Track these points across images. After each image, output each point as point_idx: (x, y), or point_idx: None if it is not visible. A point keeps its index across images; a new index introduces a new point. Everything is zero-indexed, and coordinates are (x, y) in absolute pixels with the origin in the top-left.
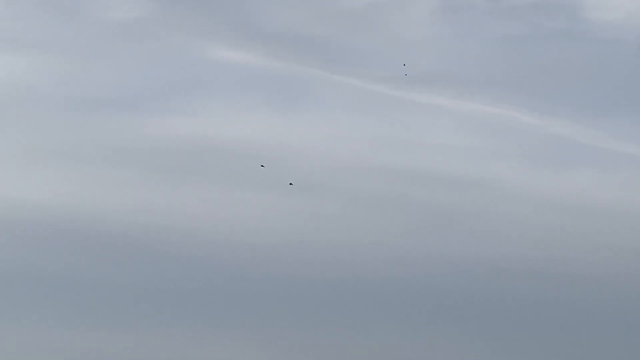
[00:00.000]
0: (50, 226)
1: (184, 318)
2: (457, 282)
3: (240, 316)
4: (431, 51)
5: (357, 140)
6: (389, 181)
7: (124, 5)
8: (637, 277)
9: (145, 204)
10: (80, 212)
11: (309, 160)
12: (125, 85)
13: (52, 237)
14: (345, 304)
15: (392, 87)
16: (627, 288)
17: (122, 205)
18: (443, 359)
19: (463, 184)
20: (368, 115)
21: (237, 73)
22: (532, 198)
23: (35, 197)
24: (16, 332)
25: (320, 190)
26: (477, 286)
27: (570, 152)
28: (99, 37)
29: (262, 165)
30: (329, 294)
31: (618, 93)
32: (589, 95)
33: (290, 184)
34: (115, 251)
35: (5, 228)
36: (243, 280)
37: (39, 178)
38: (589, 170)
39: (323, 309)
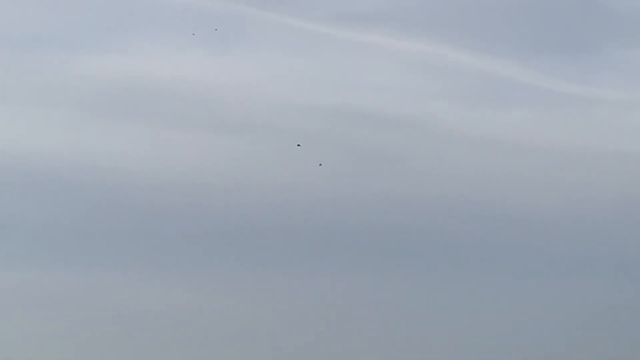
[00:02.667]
0: None
1: (115, 258)
2: (392, 222)
3: (172, 257)
4: None
5: (292, 80)
6: (323, 121)
7: None
8: (573, 215)
9: (77, 145)
10: (11, 153)
11: (243, 100)
12: (57, 24)
13: None
14: (277, 245)
15: (328, 26)
16: (563, 226)
17: (54, 146)
18: (375, 297)
19: (398, 123)
20: (303, 55)
21: (171, 12)
22: (469, 138)
23: None
24: None
25: (254, 131)
26: (412, 226)
27: (507, 92)
28: None
29: (298, 145)
30: (260, 235)
31: (555, 32)
32: (526, 34)
33: (298, 145)
34: (48, 192)
35: None
36: (175, 220)
37: None
38: (526, 110)
39: (253, 250)
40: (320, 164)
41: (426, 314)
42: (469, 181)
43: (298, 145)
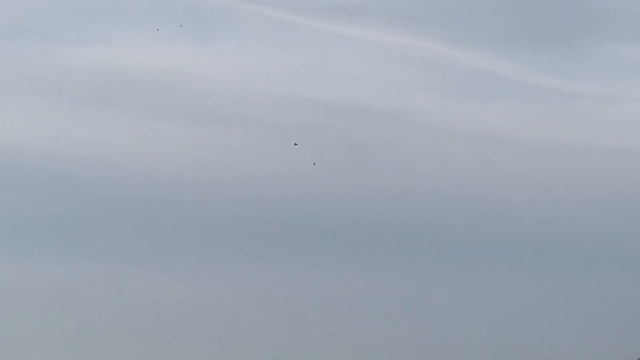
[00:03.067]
0: None
1: (97, 249)
2: (375, 213)
3: (155, 247)
4: None
5: (275, 72)
6: (307, 113)
7: None
8: (553, 208)
9: (60, 135)
10: None
11: (226, 91)
12: (40, 14)
13: None
14: (261, 236)
15: (311, 18)
16: (543, 219)
17: (37, 135)
18: (357, 288)
19: (381, 116)
20: (287, 47)
21: (155, 3)
22: (451, 131)
23: None
24: None
25: (236, 122)
26: (393, 218)
27: (490, 86)
28: None
29: (295, 144)
30: (245, 227)
31: (538, 27)
32: (509, 28)
33: (295, 144)
34: (30, 182)
35: None
36: (156, 211)
37: None
38: (508, 103)
39: (237, 240)
40: (296, 144)
41: (411, 304)
42: (453, 174)
43: (295, 144)
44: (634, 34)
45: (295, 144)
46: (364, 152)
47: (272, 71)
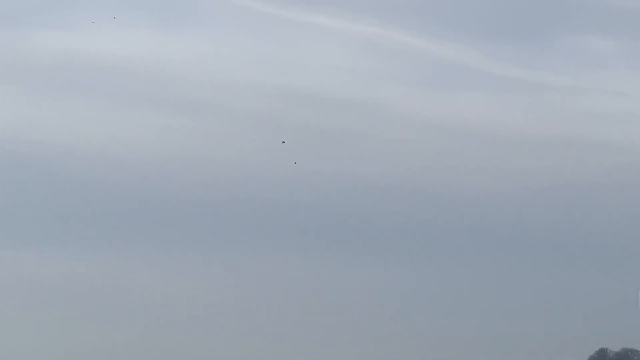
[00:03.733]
0: None
1: (61, 233)
2: (340, 202)
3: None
4: None
5: (240, 59)
6: (272, 101)
7: None
8: (518, 197)
9: (24, 120)
10: None
11: (191, 77)
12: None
13: None
14: (222, 221)
15: (277, 6)
16: (509, 207)
17: (1, 121)
18: (317, 276)
19: (349, 106)
20: (252, 34)
21: None
22: (418, 121)
23: None
24: None
25: (201, 108)
26: (360, 207)
27: (458, 76)
28: None
29: (283, 142)
30: (205, 211)
31: (505, 18)
32: (477, 20)
33: (283, 142)
34: None
35: None
36: (121, 196)
37: None
38: (476, 94)
39: (195, 224)
40: (284, 142)
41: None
42: (419, 163)
43: (283, 142)
44: (600, 26)
45: (283, 142)
46: (330, 141)
47: (240, 58)
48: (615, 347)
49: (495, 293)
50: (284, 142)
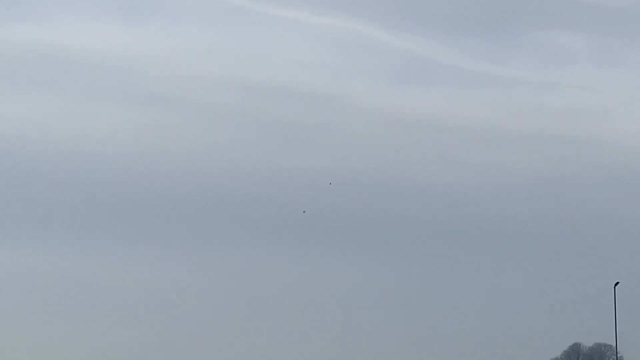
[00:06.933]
0: None
1: (23, 227)
2: (306, 196)
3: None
4: None
5: (207, 53)
6: (239, 95)
7: None
8: (488, 192)
9: None
10: None
11: (157, 71)
12: None
13: None
14: (189, 216)
15: (249, 0)
16: (478, 202)
17: None
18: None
19: (315, 99)
20: (218, 28)
21: None
22: (386, 115)
23: None
24: None
25: (167, 102)
26: (325, 200)
27: (425, 71)
28: None
29: (304, 211)
30: (172, 206)
31: (473, 13)
32: (444, 14)
33: (330, 183)
34: None
35: None
36: (86, 189)
37: None
38: (444, 89)
39: (164, 219)
40: (330, 183)
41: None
42: (385, 157)
43: (304, 211)
44: (569, 21)
45: (304, 212)
46: (295, 134)
47: (207, 52)
48: (588, 342)
49: (465, 289)
50: (304, 211)
